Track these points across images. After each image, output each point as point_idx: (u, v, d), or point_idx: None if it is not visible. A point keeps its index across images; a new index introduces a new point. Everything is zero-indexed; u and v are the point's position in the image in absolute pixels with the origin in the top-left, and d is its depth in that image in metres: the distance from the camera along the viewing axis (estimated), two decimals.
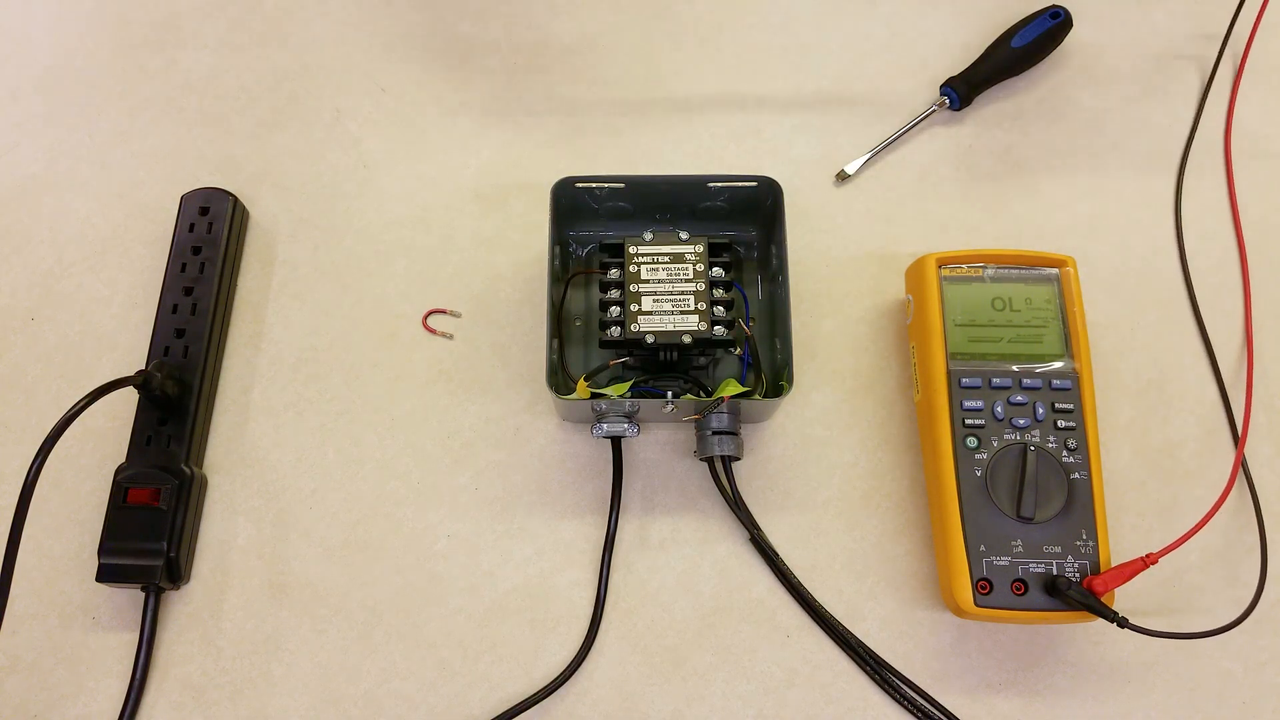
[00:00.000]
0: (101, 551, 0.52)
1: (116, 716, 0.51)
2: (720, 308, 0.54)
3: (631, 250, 0.55)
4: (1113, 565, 0.50)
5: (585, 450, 0.57)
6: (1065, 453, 0.51)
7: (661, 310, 0.54)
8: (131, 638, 0.53)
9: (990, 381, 0.53)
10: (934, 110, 0.65)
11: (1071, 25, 0.66)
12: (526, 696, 0.51)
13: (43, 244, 0.62)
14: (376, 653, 0.53)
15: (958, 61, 0.67)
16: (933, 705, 0.52)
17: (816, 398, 0.58)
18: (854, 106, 0.66)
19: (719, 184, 0.57)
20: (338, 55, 0.68)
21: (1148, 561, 0.48)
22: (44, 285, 0.61)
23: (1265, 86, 0.67)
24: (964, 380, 0.53)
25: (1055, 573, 0.49)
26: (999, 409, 0.52)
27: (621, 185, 0.57)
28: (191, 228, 0.60)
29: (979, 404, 0.53)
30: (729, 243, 0.57)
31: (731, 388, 0.52)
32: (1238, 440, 0.57)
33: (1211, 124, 0.66)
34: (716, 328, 0.53)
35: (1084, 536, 0.50)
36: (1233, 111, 0.66)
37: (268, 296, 0.61)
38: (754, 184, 0.56)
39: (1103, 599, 0.49)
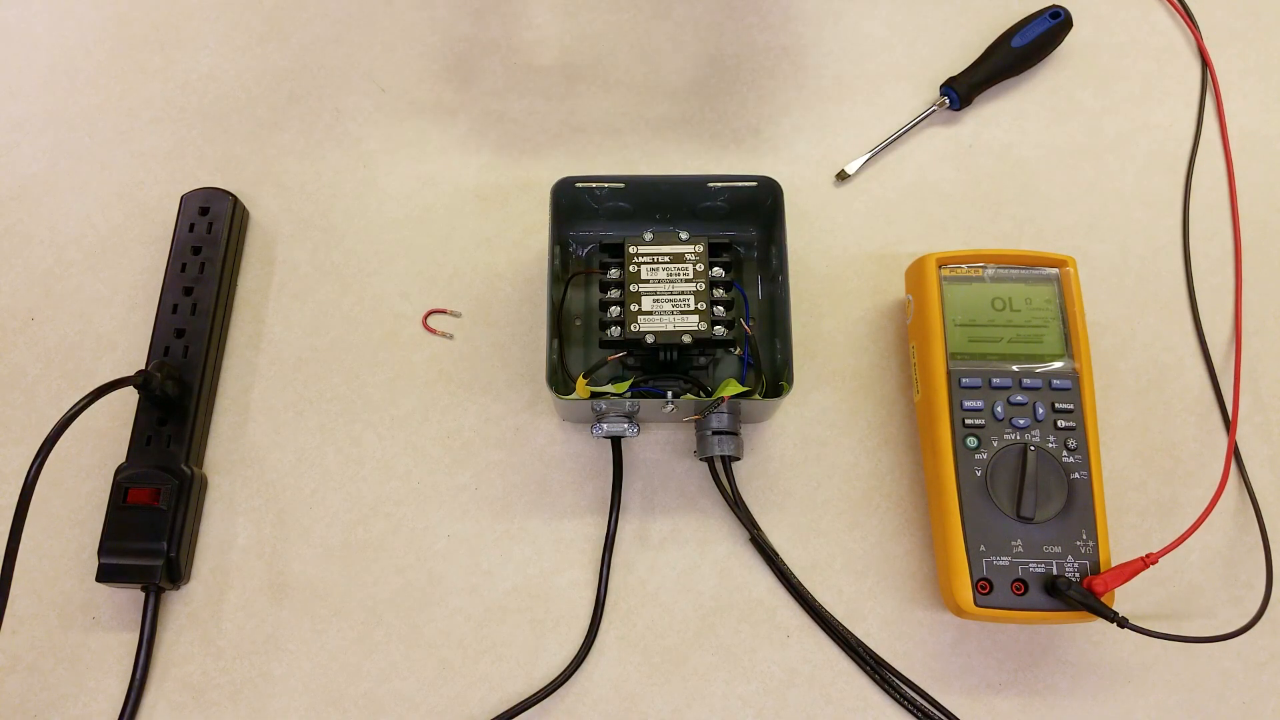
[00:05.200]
0: (101, 551, 0.52)
1: (116, 716, 0.52)
2: (720, 308, 0.54)
3: (631, 250, 0.55)
4: (1113, 565, 0.50)
5: (585, 450, 0.57)
6: (1065, 453, 0.51)
7: (661, 310, 0.54)
8: (131, 638, 0.53)
9: (990, 381, 0.53)
10: (934, 110, 0.65)
11: (1071, 25, 0.66)
12: (526, 696, 0.51)
13: (43, 244, 0.62)
14: (376, 653, 0.53)
15: (958, 61, 0.67)
16: (933, 705, 0.52)
17: (816, 398, 0.58)
18: (854, 106, 0.66)
19: (719, 184, 0.57)
20: (338, 55, 0.68)
21: (1148, 561, 0.48)
22: (44, 285, 0.61)
23: (1262, 86, 0.67)
24: (964, 380, 0.53)
25: (1055, 573, 0.49)
26: (999, 409, 0.52)
27: (621, 185, 0.57)
28: (191, 228, 0.60)
29: (979, 404, 0.53)
30: (729, 243, 0.57)
31: (731, 388, 0.52)
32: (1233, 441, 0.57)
33: (1212, 123, 0.66)
34: (716, 328, 0.53)
35: (1084, 536, 0.50)
36: (1222, 111, 0.66)
37: (268, 296, 0.61)
38: (754, 184, 0.56)
39: (1103, 599, 0.49)
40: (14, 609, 0.53)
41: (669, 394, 0.52)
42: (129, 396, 0.56)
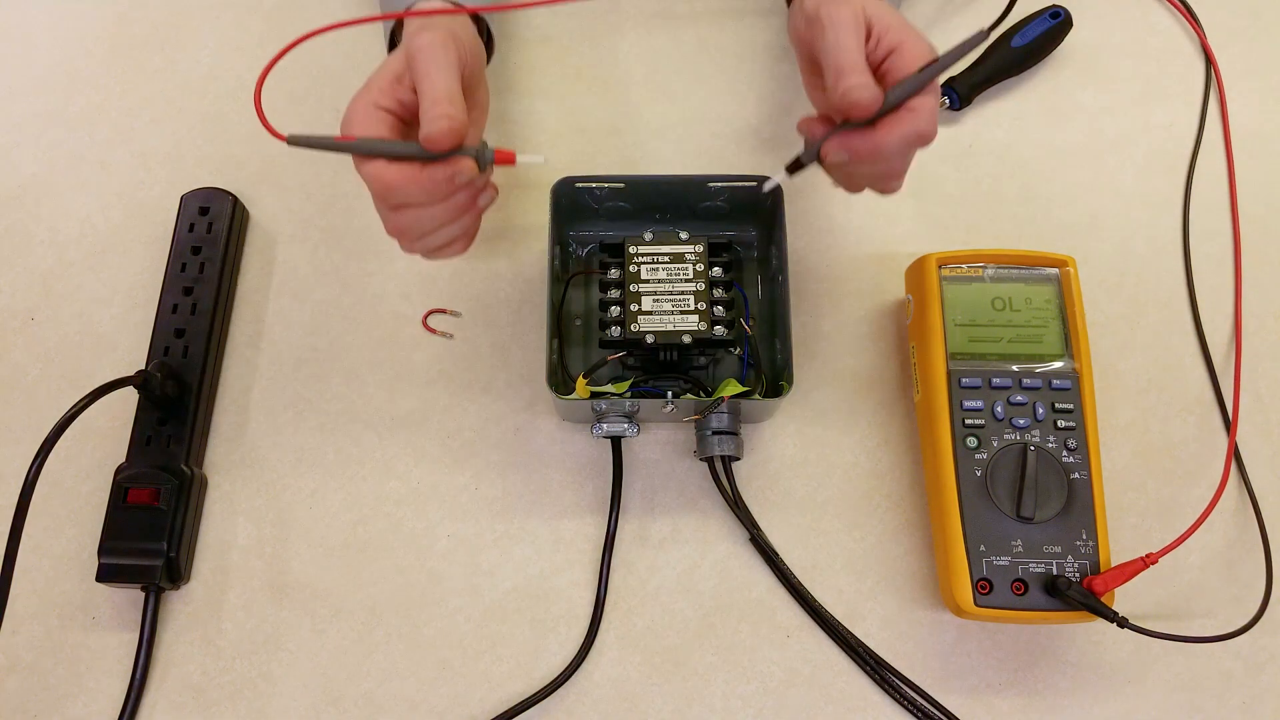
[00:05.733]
0: (101, 551, 0.52)
1: (116, 716, 0.51)
2: (720, 308, 0.54)
3: (631, 250, 0.55)
4: (1113, 565, 0.50)
5: (585, 450, 0.57)
6: (1065, 453, 0.51)
7: (661, 310, 0.54)
8: (131, 638, 0.53)
9: (990, 381, 0.53)
10: None
11: (1071, 25, 0.66)
12: (526, 696, 0.51)
13: (43, 244, 0.62)
14: (376, 653, 0.53)
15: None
16: (933, 705, 0.52)
17: (816, 398, 0.58)
18: None
19: (719, 184, 0.57)
20: (337, 55, 0.68)
21: (1148, 561, 0.48)
22: (44, 285, 0.61)
23: (1263, 86, 0.67)
24: (964, 380, 0.53)
25: (1055, 573, 0.49)
26: (999, 409, 0.52)
27: (621, 185, 0.57)
28: (191, 228, 0.60)
29: (979, 404, 0.53)
30: (729, 243, 0.57)
31: (731, 388, 0.52)
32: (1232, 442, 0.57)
33: (1213, 123, 0.66)
34: (716, 328, 0.53)
35: (1084, 536, 0.50)
36: (1225, 110, 0.66)
37: (268, 296, 0.61)
38: (754, 184, 0.56)
39: (1103, 599, 0.49)
40: (14, 609, 0.53)
41: (669, 394, 0.52)
42: (129, 396, 0.56)
